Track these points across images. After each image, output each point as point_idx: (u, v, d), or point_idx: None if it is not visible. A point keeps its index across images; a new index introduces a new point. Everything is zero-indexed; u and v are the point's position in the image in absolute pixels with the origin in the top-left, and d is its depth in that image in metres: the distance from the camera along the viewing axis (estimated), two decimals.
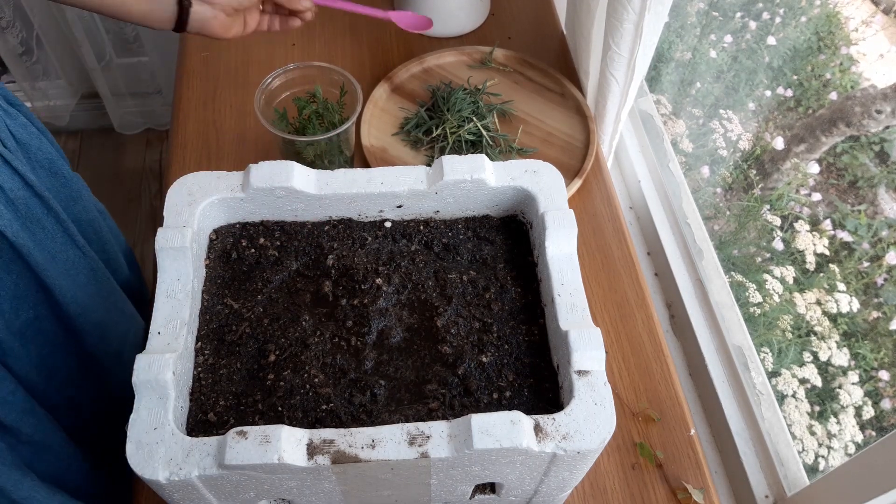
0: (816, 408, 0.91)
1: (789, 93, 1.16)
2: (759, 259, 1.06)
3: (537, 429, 0.49)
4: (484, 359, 0.56)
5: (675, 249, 1.03)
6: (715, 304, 0.96)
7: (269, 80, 0.81)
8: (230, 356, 0.56)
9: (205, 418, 0.53)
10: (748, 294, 0.97)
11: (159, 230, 0.56)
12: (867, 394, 0.91)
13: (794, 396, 0.90)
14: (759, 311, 0.97)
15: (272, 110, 0.83)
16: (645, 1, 0.76)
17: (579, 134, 0.95)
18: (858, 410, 0.90)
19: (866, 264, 0.99)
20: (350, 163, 0.89)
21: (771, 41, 1.16)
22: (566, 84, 0.99)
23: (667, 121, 1.16)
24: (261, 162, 0.60)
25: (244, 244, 0.62)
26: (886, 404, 0.92)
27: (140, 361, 0.50)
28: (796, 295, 0.96)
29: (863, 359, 0.95)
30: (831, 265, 0.98)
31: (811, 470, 0.85)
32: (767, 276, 0.97)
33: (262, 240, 0.63)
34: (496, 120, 0.94)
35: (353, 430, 0.48)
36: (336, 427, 0.48)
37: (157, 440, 0.47)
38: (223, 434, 0.47)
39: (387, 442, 0.47)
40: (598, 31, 0.90)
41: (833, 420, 0.89)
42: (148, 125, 1.93)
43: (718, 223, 1.14)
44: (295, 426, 0.48)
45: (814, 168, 1.08)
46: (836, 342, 0.93)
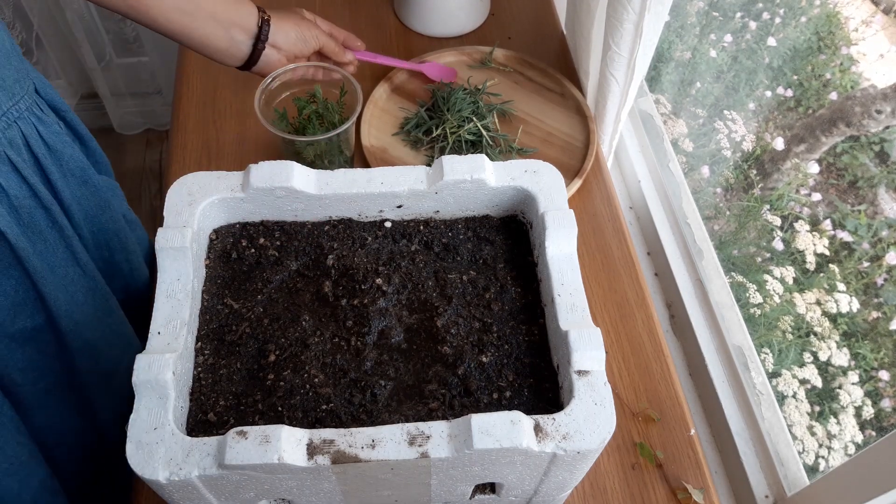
0: (816, 408, 0.91)
1: (789, 93, 1.16)
2: (759, 259, 1.06)
3: (537, 429, 0.49)
4: (484, 359, 0.56)
5: (675, 249, 1.03)
6: (715, 304, 0.96)
7: (270, 81, 0.81)
8: (230, 356, 0.56)
9: (205, 418, 0.53)
10: (749, 295, 0.97)
11: (159, 230, 0.56)
12: (867, 394, 0.91)
13: (795, 397, 0.90)
14: (760, 312, 0.97)
15: (272, 110, 0.83)
16: (645, 1, 0.76)
17: (579, 134, 0.95)
18: (858, 410, 0.90)
19: (866, 264, 0.99)
20: (350, 163, 0.89)
21: (771, 41, 1.16)
22: (566, 84, 0.99)
23: (667, 121, 1.16)
24: (261, 162, 0.60)
25: (244, 244, 0.62)
26: (886, 404, 0.92)
27: (140, 361, 0.50)
28: (796, 295, 0.96)
29: (863, 359, 0.95)
30: (831, 265, 0.98)
31: (811, 470, 0.85)
32: (768, 277, 0.97)
33: (262, 240, 0.63)
34: (496, 120, 0.94)
35: (353, 430, 0.48)
36: (336, 427, 0.48)
37: (157, 440, 0.47)
38: (223, 434, 0.47)
39: (387, 442, 0.47)
40: (598, 31, 0.90)
41: (833, 420, 0.89)
42: (148, 125, 1.93)
43: (718, 223, 1.14)
44: (295, 426, 0.48)
45: (814, 168, 1.08)
46: (836, 342, 0.93)
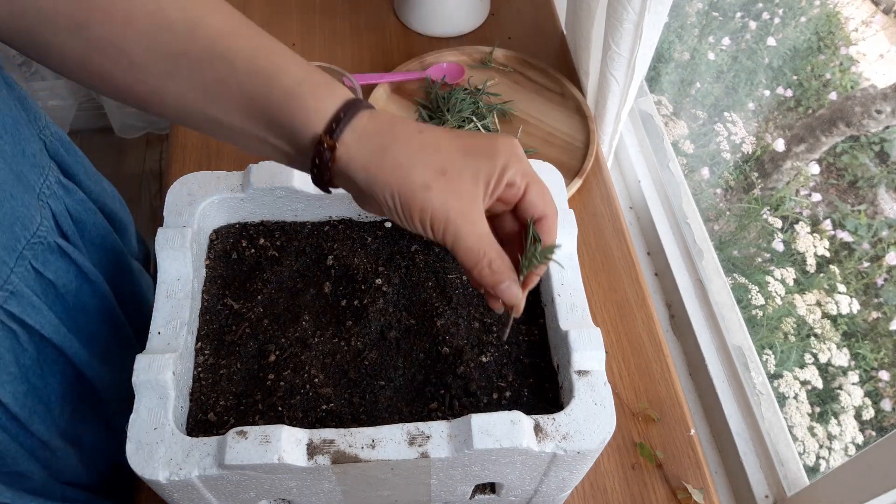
0: (817, 409, 0.92)
1: (789, 93, 1.16)
2: (760, 260, 1.07)
3: (537, 429, 0.49)
4: (484, 359, 0.56)
5: (675, 249, 1.03)
6: (715, 304, 0.96)
7: None
8: (230, 356, 0.56)
9: (205, 418, 0.53)
10: (750, 296, 0.97)
11: (159, 230, 0.56)
12: (867, 394, 0.91)
13: (796, 398, 0.90)
14: (762, 314, 0.98)
15: None
16: (645, 1, 0.76)
17: (579, 134, 0.95)
18: (858, 411, 0.90)
19: (866, 264, 0.99)
20: None
21: (771, 41, 1.16)
22: (566, 84, 0.99)
23: (668, 122, 1.16)
24: (261, 162, 0.60)
25: (244, 244, 0.62)
26: (886, 404, 0.92)
27: (140, 361, 0.50)
28: (796, 297, 0.96)
29: (863, 359, 0.95)
30: (831, 266, 0.98)
31: (811, 471, 0.85)
32: (769, 279, 0.97)
33: (262, 240, 0.63)
34: (496, 120, 0.94)
35: (353, 430, 0.48)
36: (336, 427, 0.48)
37: (157, 440, 0.47)
38: (223, 434, 0.47)
39: (387, 442, 0.47)
40: (598, 31, 0.90)
41: (834, 421, 0.89)
42: (148, 129, 1.93)
43: (718, 223, 1.15)
44: (295, 426, 0.48)
45: (814, 168, 1.08)
46: (836, 343, 0.93)
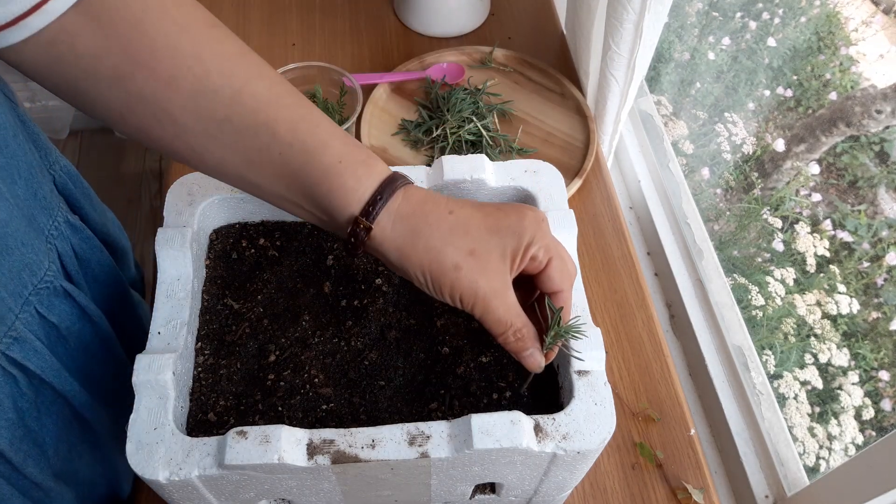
0: (817, 409, 0.92)
1: (789, 93, 1.16)
2: (760, 260, 1.06)
3: (537, 429, 0.49)
4: (483, 359, 0.56)
5: (675, 249, 1.03)
6: (715, 305, 0.96)
7: None
8: (230, 356, 0.56)
9: (205, 418, 0.53)
10: (750, 296, 0.97)
11: (159, 230, 0.56)
12: (867, 394, 0.91)
13: (796, 398, 0.90)
14: (762, 314, 0.97)
15: None
16: (645, 1, 0.76)
17: (579, 134, 0.95)
18: (858, 411, 0.90)
19: (866, 264, 0.99)
20: None
21: (771, 42, 1.16)
22: (566, 84, 0.99)
23: (668, 122, 1.16)
24: None
25: (244, 244, 0.62)
26: (886, 404, 0.92)
27: (140, 361, 0.50)
28: (796, 297, 0.96)
29: (863, 359, 0.95)
30: (831, 266, 0.98)
31: (812, 471, 0.85)
32: (770, 279, 0.97)
33: (262, 240, 0.63)
34: (496, 120, 0.94)
35: (353, 430, 0.48)
36: (336, 427, 0.48)
37: (157, 440, 0.47)
38: (223, 434, 0.47)
39: (387, 442, 0.47)
40: (598, 31, 0.90)
41: (834, 422, 0.89)
42: None
43: (718, 224, 1.14)
44: (295, 426, 0.48)
45: (814, 168, 1.08)
46: (836, 343, 0.93)
